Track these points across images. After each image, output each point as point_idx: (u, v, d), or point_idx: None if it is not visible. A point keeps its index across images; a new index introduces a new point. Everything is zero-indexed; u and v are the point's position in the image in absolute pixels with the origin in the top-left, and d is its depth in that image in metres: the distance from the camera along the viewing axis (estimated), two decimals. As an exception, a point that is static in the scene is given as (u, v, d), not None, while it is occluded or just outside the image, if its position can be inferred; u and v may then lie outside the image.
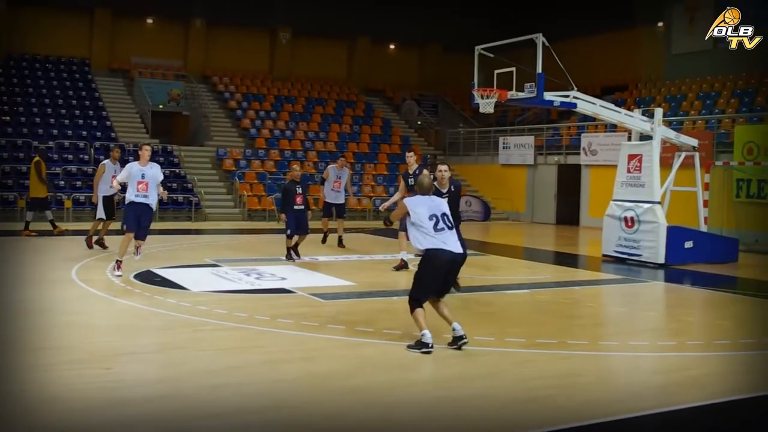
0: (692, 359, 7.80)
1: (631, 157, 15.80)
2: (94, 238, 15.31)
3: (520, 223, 28.63)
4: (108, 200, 15.37)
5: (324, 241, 16.93)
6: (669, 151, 17.32)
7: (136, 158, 12.18)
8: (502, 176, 30.27)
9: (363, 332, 8.34)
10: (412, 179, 12.80)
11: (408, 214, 7.73)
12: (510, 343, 8.08)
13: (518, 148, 29.54)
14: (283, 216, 14.54)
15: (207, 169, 27.76)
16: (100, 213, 15.29)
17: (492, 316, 9.93)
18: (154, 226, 19.21)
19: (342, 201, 17.02)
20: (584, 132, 27.60)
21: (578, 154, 26.88)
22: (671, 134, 16.27)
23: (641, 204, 15.35)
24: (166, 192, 12.75)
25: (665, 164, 16.25)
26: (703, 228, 16.57)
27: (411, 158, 13.72)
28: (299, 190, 14.44)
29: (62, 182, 23.73)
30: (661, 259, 14.95)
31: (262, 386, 6.46)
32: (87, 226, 20.56)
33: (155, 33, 33.71)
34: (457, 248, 7.64)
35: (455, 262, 7.70)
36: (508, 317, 9.95)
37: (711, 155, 21.32)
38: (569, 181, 27.45)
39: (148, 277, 11.77)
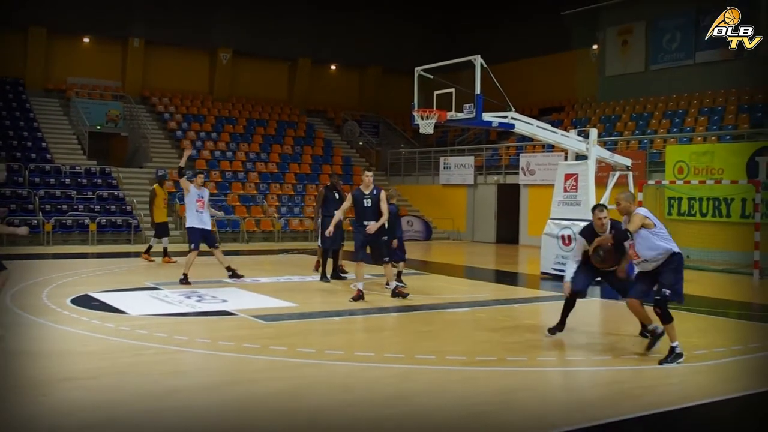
0: (627, 372, 7.99)
1: (567, 176, 16.17)
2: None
3: (461, 242, 28.91)
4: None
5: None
6: (604, 170, 17.73)
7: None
8: (442, 196, 30.56)
9: (304, 353, 8.34)
10: (368, 200, 12.27)
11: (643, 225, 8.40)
12: (451, 360, 8.18)
13: (458, 168, 29.89)
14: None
15: (146, 191, 27.29)
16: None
17: (432, 334, 10.03)
18: (91, 249, 19.05)
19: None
20: (523, 152, 28.04)
21: (517, 173, 27.30)
22: (606, 154, 16.67)
23: (577, 222, 15.64)
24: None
25: (600, 183, 16.62)
26: (638, 245, 16.94)
27: (369, 178, 12.45)
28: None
29: (-4, 205, 23.15)
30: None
31: (205, 410, 6.43)
32: (21, 250, 20.22)
33: (92, 52, 33.20)
34: None
35: None
36: (448, 336, 10.06)
37: (644, 174, 21.88)
38: (509, 201, 27.85)
39: (85, 302, 11.61)
